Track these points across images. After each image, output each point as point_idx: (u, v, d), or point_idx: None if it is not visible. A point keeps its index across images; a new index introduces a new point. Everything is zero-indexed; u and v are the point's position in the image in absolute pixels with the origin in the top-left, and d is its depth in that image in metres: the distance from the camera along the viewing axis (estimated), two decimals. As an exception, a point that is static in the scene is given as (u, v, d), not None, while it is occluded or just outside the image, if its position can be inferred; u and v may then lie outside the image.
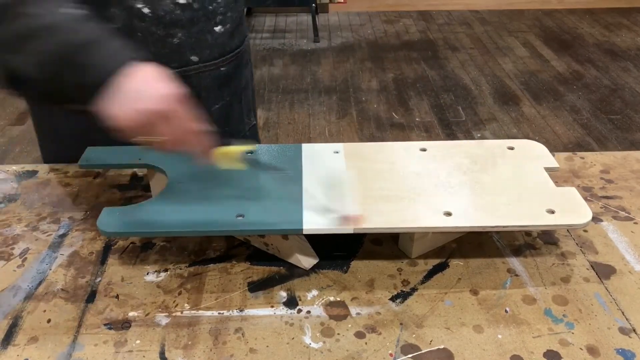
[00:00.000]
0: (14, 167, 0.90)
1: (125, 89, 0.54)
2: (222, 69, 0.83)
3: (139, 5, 0.73)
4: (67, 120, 0.83)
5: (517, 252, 0.72)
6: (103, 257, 0.72)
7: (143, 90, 0.54)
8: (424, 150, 0.80)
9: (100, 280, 0.68)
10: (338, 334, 0.61)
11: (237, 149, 0.66)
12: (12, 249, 0.73)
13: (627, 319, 0.62)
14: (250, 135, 0.99)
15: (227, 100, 0.87)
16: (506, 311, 0.64)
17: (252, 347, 0.60)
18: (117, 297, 0.66)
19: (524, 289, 0.67)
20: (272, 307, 0.65)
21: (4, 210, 0.80)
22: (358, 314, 0.64)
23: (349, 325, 0.62)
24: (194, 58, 0.79)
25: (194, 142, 0.59)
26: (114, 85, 0.53)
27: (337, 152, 0.79)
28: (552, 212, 0.66)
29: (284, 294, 0.66)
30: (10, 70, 0.55)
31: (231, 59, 0.84)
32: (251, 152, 0.75)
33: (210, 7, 0.79)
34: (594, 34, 3.80)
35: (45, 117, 0.86)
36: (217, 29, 0.79)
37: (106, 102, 0.54)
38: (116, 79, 0.53)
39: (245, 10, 0.88)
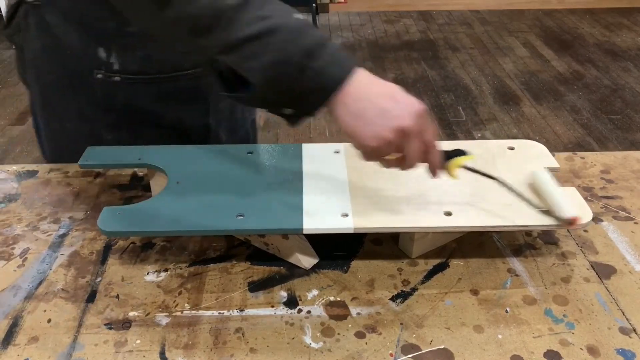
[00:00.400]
0: (14, 167, 0.90)
1: (366, 105, 0.52)
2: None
3: None
4: (72, 119, 0.83)
5: (518, 252, 0.72)
6: (103, 257, 0.72)
7: (391, 107, 0.52)
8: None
9: (100, 280, 0.68)
10: (338, 333, 0.61)
11: (462, 159, 0.63)
12: (13, 248, 0.73)
13: (627, 319, 0.62)
14: (252, 130, 1.00)
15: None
16: (506, 311, 0.63)
17: (252, 347, 0.60)
18: (117, 297, 0.66)
19: (524, 289, 0.67)
20: (272, 307, 0.65)
21: (4, 210, 0.80)
22: (358, 313, 0.63)
23: (349, 325, 0.62)
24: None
25: (432, 157, 0.57)
26: (343, 94, 0.52)
27: (337, 152, 0.79)
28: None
29: (284, 293, 0.66)
30: (236, 74, 0.54)
31: None
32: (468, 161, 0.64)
33: None
34: (595, 34, 3.80)
35: (51, 115, 0.86)
36: None
37: (344, 117, 0.53)
38: (344, 86, 0.52)
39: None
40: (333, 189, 0.70)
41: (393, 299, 0.65)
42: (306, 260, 0.70)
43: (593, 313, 0.63)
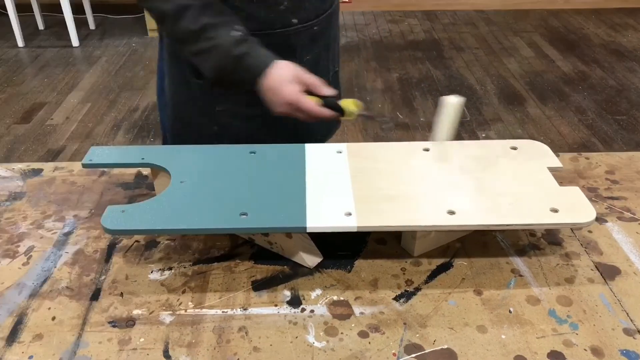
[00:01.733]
0: (20, 166, 0.90)
1: (267, 90, 0.79)
2: (315, 28, 0.94)
3: None
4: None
5: (522, 252, 0.72)
6: (108, 255, 0.72)
7: (275, 94, 0.79)
8: (427, 150, 0.79)
9: (104, 279, 0.69)
10: (342, 333, 0.61)
11: (351, 102, 0.80)
12: (18, 246, 0.74)
13: (631, 320, 0.62)
14: (333, 81, 1.08)
15: (316, 52, 0.98)
16: (510, 311, 0.63)
17: (255, 345, 0.60)
18: (121, 295, 0.66)
19: (528, 289, 0.66)
20: (275, 306, 0.65)
21: (10, 208, 0.81)
22: (362, 313, 0.63)
23: (353, 325, 0.62)
24: (294, 20, 0.90)
25: (320, 118, 0.79)
26: (264, 80, 0.79)
27: (340, 152, 0.79)
28: (556, 211, 0.66)
29: (287, 292, 0.66)
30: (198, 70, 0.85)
31: (323, 19, 0.95)
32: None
33: None
34: (600, 34, 3.78)
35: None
36: None
37: (263, 94, 0.80)
38: (264, 76, 0.79)
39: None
40: (336, 188, 0.70)
41: (396, 298, 0.65)
42: (310, 259, 0.70)
43: (597, 314, 0.63)
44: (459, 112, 0.77)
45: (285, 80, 0.78)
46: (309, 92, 0.79)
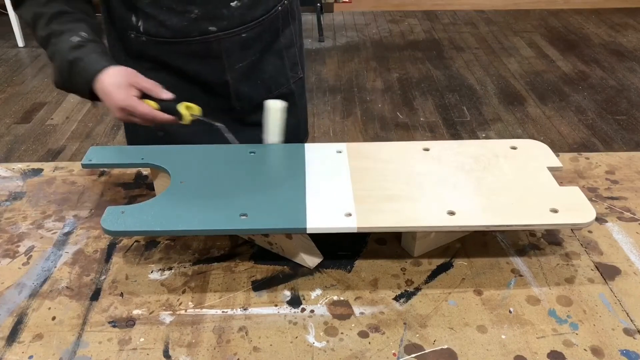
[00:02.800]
0: (20, 165, 0.90)
1: (102, 95, 0.79)
2: (243, 35, 0.92)
3: None
4: None
5: (522, 252, 0.72)
6: (108, 255, 0.72)
7: (108, 99, 0.78)
8: (427, 150, 0.79)
9: (104, 278, 0.69)
10: (342, 333, 0.61)
11: (186, 106, 0.78)
12: (18, 246, 0.74)
13: (631, 320, 0.62)
14: (296, 87, 1.07)
15: (252, 59, 0.96)
16: (510, 311, 0.63)
17: (255, 345, 0.60)
18: (121, 295, 0.66)
19: (528, 289, 0.66)
20: (275, 306, 0.65)
21: (10, 208, 0.81)
22: (362, 313, 0.63)
23: (353, 325, 0.62)
24: (212, 28, 0.89)
25: (160, 120, 0.78)
26: (97, 85, 0.79)
27: (340, 152, 0.79)
28: (556, 211, 0.66)
29: (287, 292, 0.66)
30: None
31: (254, 26, 0.93)
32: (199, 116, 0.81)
33: None
34: (600, 34, 3.78)
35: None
36: (233, 4, 0.88)
37: (102, 99, 0.80)
38: (95, 81, 0.79)
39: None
40: (336, 189, 0.70)
41: (396, 298, 0.65)
42: (310, 259, 0.70)
43: (597, 314, 0.63)
44: (282, 115, 0.79)
45: (116, 85, 0.78)
46: (147, 96, 0.79)
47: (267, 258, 0.71)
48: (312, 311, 0.64)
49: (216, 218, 0.66)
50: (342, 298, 0.66)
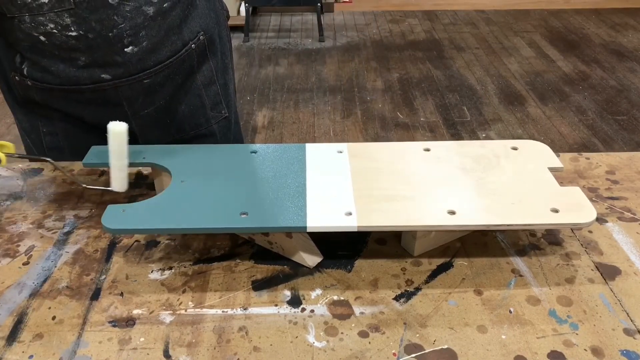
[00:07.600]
0: (20, 165, 0.90)
1: None
2: (145, 81, 0.85)
3: (38, 34, 0.77)
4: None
5: (522, 252, 0.72)
6: (108, 255, 0.72)
7: None
8: (427, 150, 0.79)
9: (104, 278, 0.69)
10: (342, 333, 0.61)
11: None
12: (18, 246, 0.74)
13: (631, 320, 0.62)
14: (220, 127, 0.98)
15: (161, 103, 0.88)
16: (510, 311, 0.63)
17: (255, 345, 0.60)
18: (121, 294, 0.66)
19: (528, 289, 0.66)
20: (276, 305, 0.65)
21: (10, 208, 0.81)
22: (362, 313, 0.64)
23: (353, 325, 0.62)
24: (105, 76, 0.81)
25: None
26: None
27: (340, 152, 0.79)
28: (556, 211, 0.66)
29: (288, 292, 0.66)
30: None
31: (159, 70, 0.85)
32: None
33: (111, 34, 0.80)
34: (601, 34, 3.78)
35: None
36: (129, 49, 0.80)
37: None
38: None
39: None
40: (336, 188, 0.70)
41: (397, 298, 0.65)
42: (310, 259, 0.70)
43: (597, 314, 0.63)
44: (124, 137, 0.72)
45: None
46: None
47: (267, 258, 0.71)
48: (312, 311, 0.64)
49: (217, 216, 0.66)
50: (342, 298, 0.66)
